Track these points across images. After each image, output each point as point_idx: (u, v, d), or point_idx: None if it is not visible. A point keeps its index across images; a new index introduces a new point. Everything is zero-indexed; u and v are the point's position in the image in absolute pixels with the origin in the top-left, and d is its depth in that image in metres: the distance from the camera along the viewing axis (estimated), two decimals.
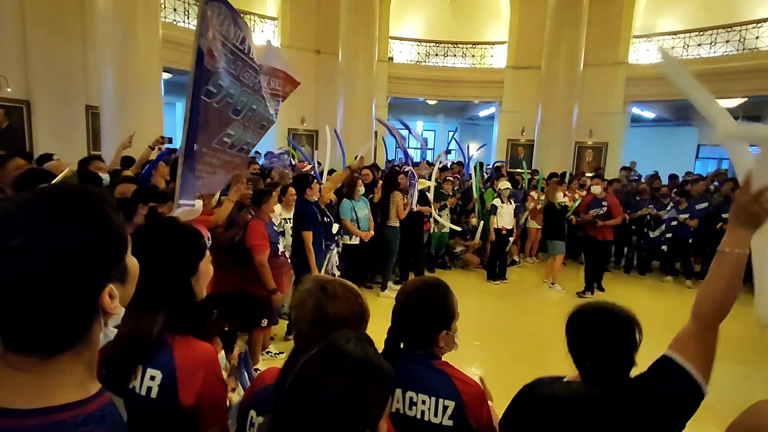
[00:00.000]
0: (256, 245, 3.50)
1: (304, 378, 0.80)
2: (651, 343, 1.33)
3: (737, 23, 10.15)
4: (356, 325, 1.18)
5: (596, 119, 11.41)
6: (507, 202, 7.20)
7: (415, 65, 13.15)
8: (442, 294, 1.37)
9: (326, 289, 1.22)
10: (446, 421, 1.29)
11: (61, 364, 0.66)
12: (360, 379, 0.80)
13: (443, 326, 1.33)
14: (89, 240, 0.65)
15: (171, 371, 1.11)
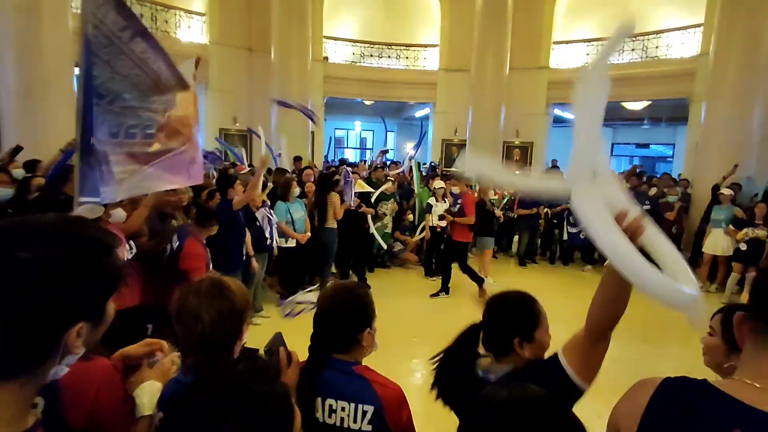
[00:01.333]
0: (193, 269, 3.29)
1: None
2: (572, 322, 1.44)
3: (641, 33, 11.20)
4: (221, 320, 1.19)
5: (522, 120, 12.09)
6: (441, 200, 7.44)
7: (350, 65, 13.18)
8: (363, 293, 1.42)
9: (193, 284, 1.24)
10: (365, 426, 1.31)
11: (1, 393, 0.62)
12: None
13: (366, 325, 1.37)
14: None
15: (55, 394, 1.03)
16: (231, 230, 4.16)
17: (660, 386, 0.86)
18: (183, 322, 1.21)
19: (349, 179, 6.45)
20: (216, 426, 0.70)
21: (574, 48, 12.12)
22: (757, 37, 7.39)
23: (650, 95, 11.22)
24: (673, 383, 0.86)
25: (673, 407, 0.83)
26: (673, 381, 0.86)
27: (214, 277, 1.31)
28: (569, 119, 15.10)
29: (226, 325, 1.20)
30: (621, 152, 17.31)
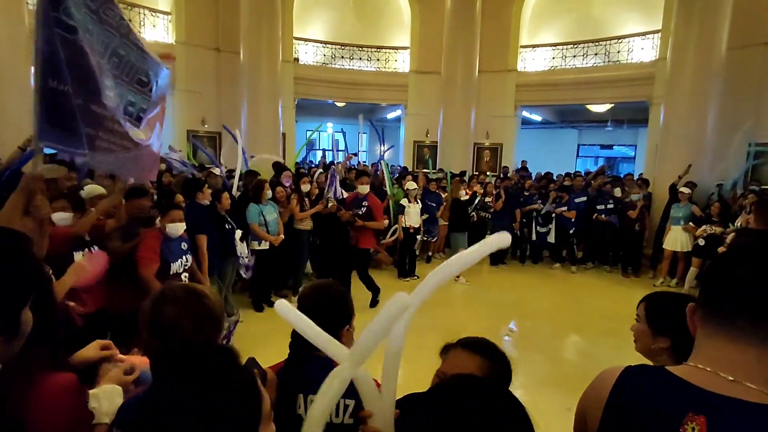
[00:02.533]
0: (142, 257, 3.21)
1: None
2: (542, 319, 1.49)
3: (603, 38, 11.61)
4: (201, 327, 1.16)
5: (492, 122, 12.32)
6: (414, 201, 7.51)
7: (321, 67, 13.11)
8: (342, 291, 1.43)
9: (165, 293, 1.20)
10: (347, 419, 1.34)
11: None
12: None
13: (345, 322, 1.37)
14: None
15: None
16: (201, 233, 4.09)
17: (621, 375, 0.90)
18: (160, 333, 1.16)
19: (333, 180, 6.44)
20: (180, 418, 0.65)
21: (540, 52, 12.44)
22: (709, 43, 7.78)
23: (613, 98, 11.64)
24: (633, 371, 0.90)
25: (633, 394, 0.87)
26: (633, 369, 0.91)
27: (186, 284, 1.29)
28: (536, 121, 15.53)
29: (207, 332, 1.18)
30: (586, 153, 17.90)
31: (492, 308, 6.27)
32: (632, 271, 7.73)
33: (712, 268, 0.88)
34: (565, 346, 5.26)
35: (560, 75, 11.88)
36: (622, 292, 6.87)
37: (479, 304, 6.47)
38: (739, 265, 0.82)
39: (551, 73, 12.08)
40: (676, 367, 0.87)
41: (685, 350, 0.91)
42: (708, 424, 0.75)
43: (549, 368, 4.41)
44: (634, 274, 7.71)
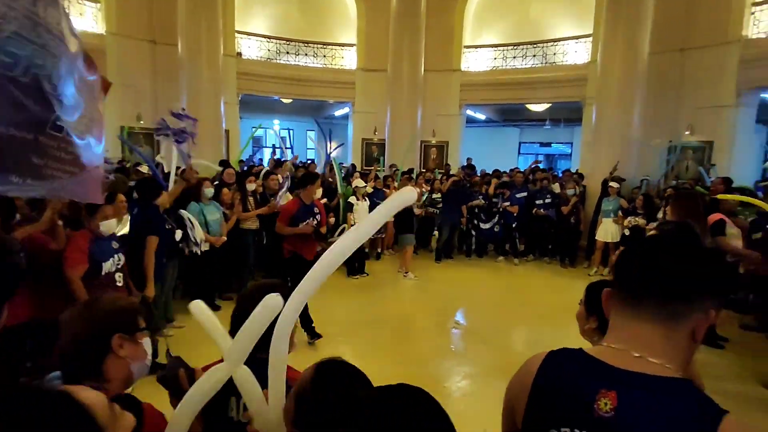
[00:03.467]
0: (69, 258, 2.99)
1: None
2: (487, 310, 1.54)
3: (540, 41, 12.18)
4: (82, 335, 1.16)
5: (438, 120, 12.58)
6: (362, 199, 7.52)
7: (266, 62, 12.78)
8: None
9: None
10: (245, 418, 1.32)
11: None
12: None
13: None
14: None
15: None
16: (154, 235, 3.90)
17: (544, 359, 0.96)
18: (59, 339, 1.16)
19: (283, 183, 6.32)
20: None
21: (482, 53, 12.84)
22: (635, 47, 8.39)
23: (550, 98, 12.24)
24: (555, 354, 0.96)
25: (554, 376, 0.92)
26: (555, 352, 0.97)
27: (98, 296, 1.25)
28: (480, 120, 16.03)
29: (86, 342, 1.15)
30: (527, 150, 18.73)
31: (440, 302, 6.41)
32: (569, 262, 8.19)
33: (623, 256, 0.95)
34: (509, 335, 5.49)
35: (501, 75, 12.33)
36: (561, 282, 7.28)
37: (428, 298, 6.60)
38: (646, 252, 0.90)
39: (493, 73, 12.51)
40: (592, 348, 0.93)
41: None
42: (618, 398, 0.82)
43: (495, 358, 4.58)
44: (571, 264, 8.18)
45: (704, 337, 0.87)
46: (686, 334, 0.85)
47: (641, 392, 0.81)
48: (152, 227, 3.94)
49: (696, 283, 0.85)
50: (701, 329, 0.85)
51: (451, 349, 4.97)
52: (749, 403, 3.79)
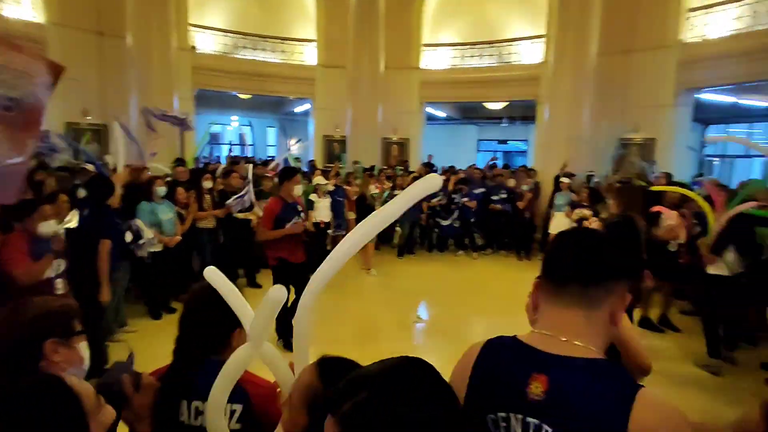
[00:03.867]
0: (7, 260, 2.84)
1: None
2: (448, 304, 1.57)
3: (496, 41, 12.50)
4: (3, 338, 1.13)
5: (398, 117, 12.66)
6: (323, 196, 7.49)
7: (222, 56, 12.42)
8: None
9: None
10: (234, 425, 1.31)
11: None
12: None
13: (237, 324, 1.34)
14: None
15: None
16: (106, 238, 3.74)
17: (481, 349, 1.02)
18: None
19: (244, 187, 6.18)
20: None
21: (441, 51, 13.03)
22: (583, 49, 8.78)
23: (506, 96, 12.60)
24: (492, 342, 1.02)
25: (489, 362, 0.98)
26: (491, 341, 1.03)
27: (27, 299, 1.20)
28: (441, 117, 16.27)
29: (15, 348, 1.11)
30: (485, 147, 19.16)
31: (402, 297, 6.50)
32: (525, 254, 8.50)
33: (549, 246, 1.03)
34: (469, 327, 5.64)
35: (460, 74, 12.56)
36: (517, 274, 7.54)
37: (390, 293, 6.67)
38: (566, 243, 0.99)
39: (452, 71, 12.72)
40: (525, 335, 0.99)
41: None
42: (548, 381, 0.88)
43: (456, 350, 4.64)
44: (527, 257, 8.49)
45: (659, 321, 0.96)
46: (605, 317, 0.93)
47: (569, 374, 0.88)
48: (105, 229, 3.78)
49: (610, 269, 0.93)
50: (618, 312, 0.94)
51: (414, 344, 5.06)
52: (685, 381, 4.09)
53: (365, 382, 0.71)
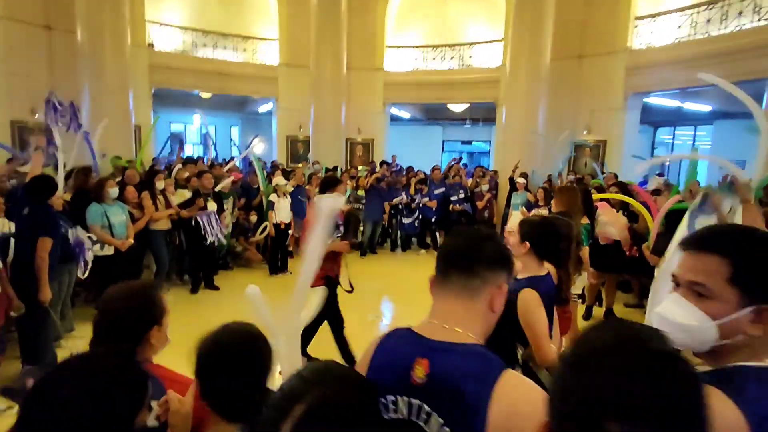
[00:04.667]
0: None
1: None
2: (410, 301, 1.64)
3: (457, 44, 12.76)
4: None
5: (362, 118, 12.73)
6: (283, 197, 7.45)
7: (182, 54, 12.14)
8: (147, 291, 1.40)
9: None
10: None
11: None
12: None
13: (153, 322, 1.36)
14: None
15: None
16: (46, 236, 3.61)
17: (380, 341, 1.10)
18: None
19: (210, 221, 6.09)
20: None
21: (404, 53, 13.18)
22: (538, 53, 9.10)
23: (468, 98, 12.88)
24: (389, 334, 1.11)
25: (384, 351, 1.07)
26: (389, 333, 1.11)
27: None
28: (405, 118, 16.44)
29: None
30: (450, 148, 19.50)
31: (365, 296, 6.54)
32: None
33: (441, 243, 1.13)
34: None
35: (423, 76, 12.75)
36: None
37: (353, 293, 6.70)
38: (452, 238, 1.09)
39: (415, 73, 12.90)
40: (418, 324, 1.08)
41: None
42: (430, 364, 0.97)
43: None
44: None
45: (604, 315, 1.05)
46: (484, 305, 1.03)
47: (447, 358, 0.97)
48: (44, 227, 3.64)
49: (485, 261, 1.03)
50: (496, 300, 1.03)
51: None
52: None
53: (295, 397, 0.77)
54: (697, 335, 0.89)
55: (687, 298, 0.90)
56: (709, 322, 0.87)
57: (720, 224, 2.37)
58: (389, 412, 1.00)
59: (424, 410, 0.95)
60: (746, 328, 0.85)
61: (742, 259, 0.85)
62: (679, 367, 0.59)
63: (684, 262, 0.92)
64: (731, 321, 0.86)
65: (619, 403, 0.52)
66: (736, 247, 0.87)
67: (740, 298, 0.85)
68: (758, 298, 0.85)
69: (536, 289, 1.92)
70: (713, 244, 0.89)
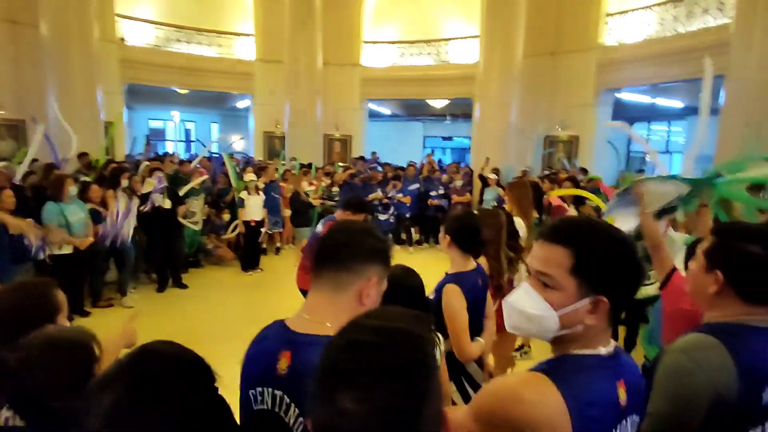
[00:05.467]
0: None
1: None
2: None
3: (435, 39, 12.76)
4: None
5: (340, 114, 12.68)
6: (255, 193, 7.39)
7: (154, 50, 11.94)
8: (37, 289, 1.39)
9: None
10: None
11: None
12: None
13: (45, 320, 1.34)
14: None
15: None
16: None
17: (257, 336, 1.12)
18: None
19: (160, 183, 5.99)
20: None
21: (382, 48, 13.14)
22: (511, 50, 9.16)
23: (445, 94, 12.91)
24: (267, 327, 1.12)
25: (257, 345, 1.10)
26: (268, 325, 1.13)
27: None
28: (386, 114, 16.42)
29: None
30: (431, 144, 19.54)
31: None
32: None
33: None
34: None
35: (401, 71, 12.73)
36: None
37: None
38: (328, 233, 1.10)
39: (393, 69, 12.87)
40: (289, 318, 1.09)
41: None
42: (292, 356, 0.98)
43: None
44: None
45: None
46: (352, 298, 1.04)
47: (308, 350, 0.97)
48: None
49: (355, 254, 1.04)
50: (366, 293, 1.04)
51: None
52: None
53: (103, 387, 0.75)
54: (540, 324, 0.91)
55: (535, 288, 0.92)
56: (552, 311, 0.89)
57: (572, 216, 2.43)
58: (257, 403, 1.01)
59: (285, 401, 0.97)
60: (584, 318, 0.88)
61: (583, 251, 0.87)
62: (407, 342, 0.62)
63: (534, 252, 0.94)
64: (571, 311, 0.88)
65: (346, 376, 0.57)
66: (579, 239, 0.89)
67: (580, 289, 0.87)
68: (595, 289, 0.87)
69: (459, 285, 1.94)
70: (559, 235, 0.91)
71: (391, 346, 0.59)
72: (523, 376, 0.89)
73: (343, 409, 0.57)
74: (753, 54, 5.94)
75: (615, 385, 0.88)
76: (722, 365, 1.08)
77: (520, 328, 0.96)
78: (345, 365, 0.61)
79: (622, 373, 0.90)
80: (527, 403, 0.82)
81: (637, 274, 0.90)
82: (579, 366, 0.87)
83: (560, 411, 0.80)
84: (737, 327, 1.14)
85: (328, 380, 0.60)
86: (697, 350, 1.11)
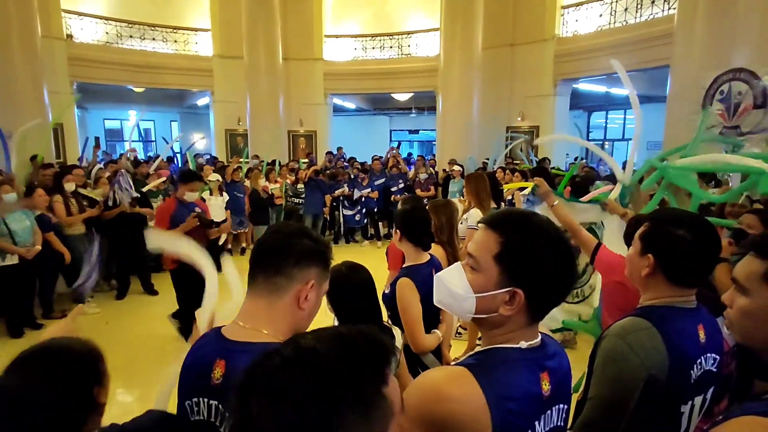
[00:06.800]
0: None
1: None
2: None
3: (396, 33, 12.75)
4: None
5: (303, 109, 12.51)
6: (217, 194, 7.21)
7: (105, 46, 11.42)
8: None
9: None
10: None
11: None
12: None
13: None
14: None
15: None
16: None
17: (193, 344, 1.08)
18: None
19: (123, 182, 5.74)
20: None
21: (344, 42, 13.03)
22: (470, 43, 9.25)
23: (409, 87, 12.93)
24: (204, 334, 1.09)
25: (191, 353, 1.06)
26: (206, 333, 1.09)
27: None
28: (351, 109, 16.32)
29: None
30: (398, 138, 19.58)
31: None
32: None
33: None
34: None
35: (364, 65, 12.66)
36: None
37: None
38: (263, 237, 1.08)
39: (355, 63, 12.78)
40: (226, 326, 1.05)
41: None
42: (226, 365, 0.95)
43: None
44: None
45: None
46: (289, 302, 1.01)
47: (243, 358, 0.94)
48: None
49: (292, 258, 1.01)
50: (304, 296, 1.02)
51: None
52: None
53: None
54: (459, 303, 0.91)
55: (465, 269, 0.93)
56: (471, 294, 0.89)
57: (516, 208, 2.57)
58: (193, 414, 0.97)
59: (220, 411, 0.94)
60: (500, 307, 0.88)
61: (511, 240, 0.88)
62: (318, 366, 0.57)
63: (474, 236, 0.95)
64: (487, 297, 0.88)
65: (256, 383, 0.56)
66: (509, 228, 0.89)
67: (501, 277, 0.88)
68: (515, 280, 0.87)
69: (412, 278, 1.95)
70: (496, 222, 0.91)
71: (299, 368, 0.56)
72: (447, 371, 0.89)
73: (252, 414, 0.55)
74: (695, 44, 6.21)
75: (538, 377, 0.88)
76: (654, 347, 1.12)
77: (443, 303, 0.96)
78: (257, 371, 0.59)
79: (547, 364, 0.91)
80: (448, 399, 0.82)
81: (564, 274, 0.88)
82: (500, 360, 0.88)
83: (480, 406, 0.80)
84: (666, 309, 1.19)
85: (242, 386, 0.58)
86: (631, 333, 1.15)
